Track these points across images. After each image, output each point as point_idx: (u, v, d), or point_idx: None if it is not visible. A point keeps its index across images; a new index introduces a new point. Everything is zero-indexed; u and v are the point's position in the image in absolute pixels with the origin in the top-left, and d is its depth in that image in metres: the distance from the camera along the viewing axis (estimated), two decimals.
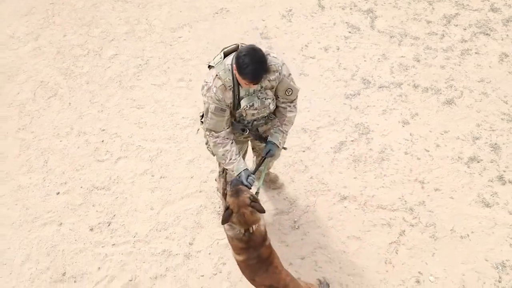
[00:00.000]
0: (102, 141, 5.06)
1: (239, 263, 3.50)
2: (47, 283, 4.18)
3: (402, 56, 5.64)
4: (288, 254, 4.24)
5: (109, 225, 4.49)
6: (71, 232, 4.46)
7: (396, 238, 4.31)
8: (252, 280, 3.51)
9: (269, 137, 3.59)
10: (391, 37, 5.83)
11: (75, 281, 4.18)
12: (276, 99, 3.48)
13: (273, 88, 3.38)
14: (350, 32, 5.91)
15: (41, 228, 4.50)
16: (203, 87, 3.33)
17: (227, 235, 3.48)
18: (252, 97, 3.32)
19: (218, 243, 4.33)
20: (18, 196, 4.71)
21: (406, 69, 5.52)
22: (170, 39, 5.93)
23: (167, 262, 4.25)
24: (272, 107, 3.43)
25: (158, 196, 4.62)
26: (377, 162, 4.81)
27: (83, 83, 5.58)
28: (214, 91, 3.26)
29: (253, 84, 3.16)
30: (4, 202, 4.66)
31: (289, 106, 3.52)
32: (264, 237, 3.46)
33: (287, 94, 3.44)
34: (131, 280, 4.16)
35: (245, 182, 3.41)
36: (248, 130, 3.56)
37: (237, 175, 3.46)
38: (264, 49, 3.21)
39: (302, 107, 5.16)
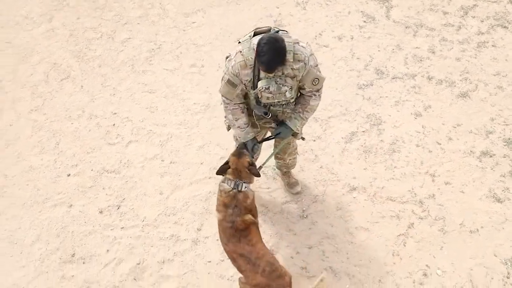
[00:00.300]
0: (114, 124, 5.07)
1: (218, 223, 3.58)
2: (57, 263, 4.23)
3: (416, 47, 5.58)
4: (295, 243, 4.25)
5: (118, 208, 4.51)
6: (81, 214, 4.49)
7: (404, 231, 4.29)
8: (225, 244, 3.55)
9: (287, 121, 3.60)
10: (406, 27, 5.76)
11: (83, 263, 4.23)
12: (302, 88, 3.47)
13: (295, 77, 3.34)
14: (365, 21, 5.85)
15: (51, 209, 4.54)
16: (226, 58, 3.46)
17: (218, 189, 3.59)
18: (270, 80, 3.32)
19: None
20: (30, 176, 4.75)
21: (421, 60, 5.45)
22: (183, 24, 5.91)
23: (175, 247, 4.27)
24: (288, 95, 3.40)
25: (167, 181, 4.64)
26: (388, 153, 4.78)
27: (96, 66, 5.59)
28: (232, 65, 3.31)
29: (267, 73, 3.20)
30: (16, 183, 4.71)
31: (314, 95, 3.50)
32: (249, 206, 3.54)
33: (314, 84, 3.41)
34: (138, 264, 4.20)
35: (249, 149, 3.60)
36: (270, 114, 3.56)
37: (244, 142, 3.62)
38: (293, 38, 3.23)
39: None
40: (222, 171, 3.57)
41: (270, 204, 4.46)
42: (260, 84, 3.34)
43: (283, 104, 3.53)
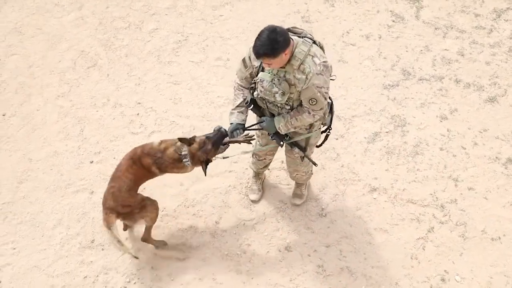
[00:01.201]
0: (137, 114, 5.12)
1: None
2: (76, 248, 4.30)
3: (445, 49, 5.49)
4: (313, 241, 4.24)
5: None
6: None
7: (424, 234, 4.24)
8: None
9: (275, 116, 3.56)
10: (436, 28, 5.66)
11: (102, 249, 4.29)
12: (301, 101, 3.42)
13: (294, 85, 3.29)
14: (393, 21, 5.77)
15: (73, 195, 4.61)
16: None
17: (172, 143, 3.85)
18: (268, 75, 3.35)
19: (244, 224, 4.35)
20: (54, 161, 4.83)
21: (449, 62, 5.36)
22: (211, 17, 5.92)
23: (193, 238, 4.30)
24: (278, 98, 3.37)
25: (188, 173, 4.65)
26: (411, 155, 4.72)
27: (122, 56, 5.64)
28: (251, 47, 3.28)
29: (256, 58, 3.21)
30: (40, 167, 4.79)
31: (309, 112, 3.39)
32: (152, 168, 3.84)
33: (311, 103, 3.31)
34: (156, 253, 4.24)
35: (229, 131, 3.64)
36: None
37: (230, 123, 3.63)
38: (313, 50, 3.19)
39: (338, 95, 5.10)
40: (185, 141, 3.75)
41: (289, 201, 4.46)
42: (260, 75, 3.39)
43: (278, 106, 3.50)
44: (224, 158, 3.97)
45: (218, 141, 3.77)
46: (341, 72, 5.30)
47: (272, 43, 3.08)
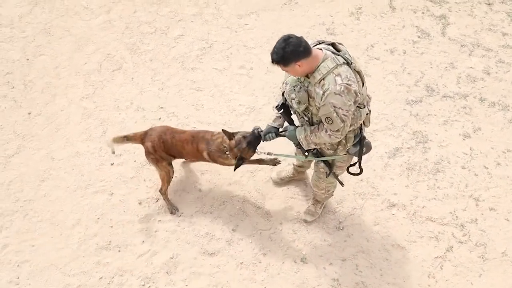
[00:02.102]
0: (159, 118, 5.16)
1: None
2: (93, 249, 4.33)
3: (471, 67, 5.44)
4: (329, 254, 4.21)
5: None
6: (121, 203, 4.59)
7: (442, 253, 4.19)
8: None
9: (298, 127, 3.59)
10: (462, 46, 5.62)
11: (119, 251, 4.32)
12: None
13: (313, 98, 3.29)
14: (419, 36, 5.74)
15: (93, 196, 4.66)
16: None
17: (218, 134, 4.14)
18: (294, 80, 3.36)
19: (260, 233, 4.35)
20: (75, 162, 4.89)
21: (474, 81, 5.31)
22: (236, 26, 5.96)
23: (209, 245, 4.31)
24: (295, 105, 3.39)
25: (207, 179, 4.68)
26: (432, 173, 4.67)
27: (147, 60, 5.70)
28: None
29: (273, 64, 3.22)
30: (62, 166, 4.85)
31: (326, 130, 3.34)
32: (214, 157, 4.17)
33: (327, 122, 3.27)
34: (172, 258, 4.25)
35: (262, 133, 3.73)
36: (282, 109, 3.61)
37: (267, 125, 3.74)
38: (341, 69, 3.13)
39: None
40: (226, 133, 3.98)
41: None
42: (288, 78, 3.40)
43: (299, 114, 3.51)
44: (268, 154, 4.01)
45: (253, 142, 3.83)
46: None
47: (281, 51, 3.10)
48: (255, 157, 4.04)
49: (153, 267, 4.21)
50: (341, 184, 3.92)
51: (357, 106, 3.33)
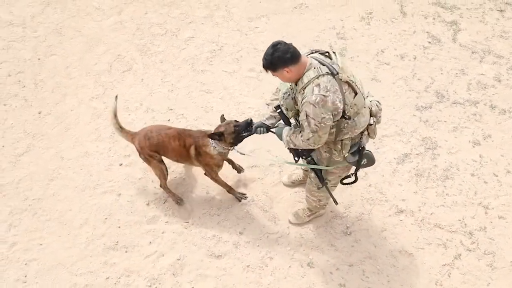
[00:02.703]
0: (168, 120, 5.18)
1: None
2: (100, 249, 4.35)
3: (482, 74, 5.41)
4: (336, 259, 4.20)
5: (164, 202, 4.60)
6: (128, 204, 4.60)
7: (450, 261, 4.16)
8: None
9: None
10: (473, 52, 5.59)
11: (126, 251, 4.33)
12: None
13: (297, 104, 3.36)
14: (430, 42, 5.72)
15: (101, 196, 4.67)
16: None
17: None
18: (286, 87, 3.43)
19: (268, 237, 4.34)
20: (84, 162, 4.91)
21: (485, 87, 5.28)
22: (246, 29, 5.97)
23: (216, 247, 4.31)
24: (284, 111, 3.49)
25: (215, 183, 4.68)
26: (441, 179, 4.65)
27: (157, 62, 5.72)
28: None
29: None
30: (71, 166, 4.88)
31: (300, 135, 3.38)
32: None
33: (301, 127, 3.35)
34: (179, 260, 4.26)
35: (254, 125, 3.82)
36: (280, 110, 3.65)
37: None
38: (320, 83, 3.14)
39: None
40: (222, 119, 4.13)
41: (314, 218, 4.43)
42: (281, 84, 3.47)
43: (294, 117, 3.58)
44: (241, 153, 4.18)
45: (241, 126, 3.95)
46: (373, 91, 5.23)
47: (269, 57, 3.21)
48: (233, 155, 4.26)
49: (160, 268, 4.21)
50: (335, 202, 3.92)
51: (343, 117, 3.28)
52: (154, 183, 4.71)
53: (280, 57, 3.16)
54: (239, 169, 4.68)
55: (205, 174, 4.42)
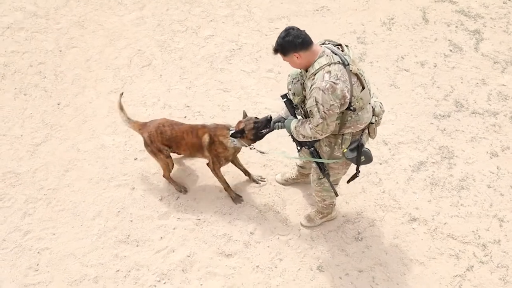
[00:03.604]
0: (185, 117, 5.20)
1: None
2: (112, 241, 4.38)
3: (503, 85, 5.34)
4: (346, 264, 4.18)
5: (177, 199, 4.62)
6: (142, 198, 4.63)
7: (462, 272, 4.11)
8: None
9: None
10: (495, 62, 5.53)
11: (137, 245, 4.35)
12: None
13: (305, 90, 3.40)
14: (451, 50, 5.67)
15: (115, 189, 4.71)
16: None
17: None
18: (296, 73, 3.51)
19: (278, 238, 4.34)
20: (100, 154, 4.95)
21: (506, 98, 5.21)
22: (266, 29, 5.97)
23: (226, 246, 4.31)
24: (291, 96, 3.55)
25: (228, 180, 4.67)
26: (456, 189, 4.60)
27: (177, 58, 5.75)
28: None
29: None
30: (87, 158, 4.92)
31: (310, 123, 3.40)
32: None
33: (310, 114, 3.37)
34: (189, 256, 4.27)
35: (272, 121, 3.87)
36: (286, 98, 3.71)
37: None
38: (333, 67, 3.19)
39: (386, 119, 5.03)
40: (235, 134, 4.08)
41: (326, 221, 4.41)
42: (292, 70, 3.52)
43: (298, 105, 3.61)
44: (261, 152, 4.20)
45: (261, 123, 3.98)
46: (392, 97, 5.25)
47: (281, 40, 3.26)
48: (251, 151, 4.24)
49: (170, 264, 4.23)
50: (335, 193, 3.92)
51: (349, 109, 3.32)
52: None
53: (291, 42, 3.21)
54: (257, 180, 4.69)
55: (207, 164, 4.44)
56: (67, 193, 4.69)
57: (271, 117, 3.93)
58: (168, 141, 4.34)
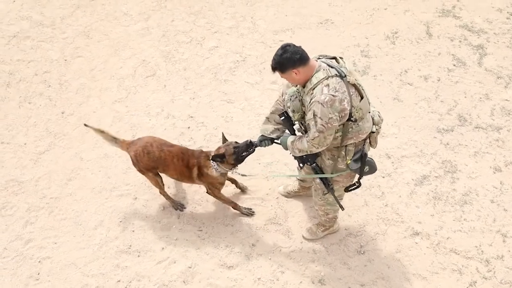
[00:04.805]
0: (188, 127, 5.21)
1: None
2: (113, 251, 4.37)
3: (506, 100, 5.34)
4: (348, 278, 4.16)
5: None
6: (144, 208, 4.63)
7: (465, 287, 4.08)
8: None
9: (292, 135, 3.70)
10: (498, 77, 5.54)
11: (138, 256, 4.34)
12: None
13: (305, 108, 3.37)
14: (454, 65, 5.68)
15: (117, 198, 4.71)
16: None
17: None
18: (293, 90, 3.44)
19: (280, 250, 4.32)
20: (103, 163, 4.96)
21: (509, 113, 5.22)
22: (270, 41, 6.00)
23: (228, 258, 4.30)
24: (290, 114, 3.50)
25: (230, 191, 4.68)
26: (459, 204, 4.59)
27: (181, 69, 5.78)
28: None
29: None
30: (90, 167, 4.93)
31: (306, 136, 3.42)
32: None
33: (307, 128, 3.38)
34: (190, 267, 4.25)
35: (257, 140, 3.84)
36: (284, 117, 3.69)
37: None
38: (331, 81, 3.19)
39: (389, 133, 5.04)
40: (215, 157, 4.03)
41: (328, 234, 4.40)
42: (289, 89, 3.49)
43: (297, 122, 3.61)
44: (242, 175, 4.24)
45: (241, 147, 3.98)
46: (395, 111, 5.25)
47: (278, 58, 3.25)
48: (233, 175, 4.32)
49: (171, 275, 4.22)
50: (341, 207, 3.91)
51: (350, 120, 3.32)
52: (170, 189, 4.74)
53: (289, 58, 3.21)
54: (243, 189, 4.70)
55: (207, 192, 4.39)
56: (69, 202, 4.69)
57: (251, 141, 3.93)
58: (155, 163, 4.19)
